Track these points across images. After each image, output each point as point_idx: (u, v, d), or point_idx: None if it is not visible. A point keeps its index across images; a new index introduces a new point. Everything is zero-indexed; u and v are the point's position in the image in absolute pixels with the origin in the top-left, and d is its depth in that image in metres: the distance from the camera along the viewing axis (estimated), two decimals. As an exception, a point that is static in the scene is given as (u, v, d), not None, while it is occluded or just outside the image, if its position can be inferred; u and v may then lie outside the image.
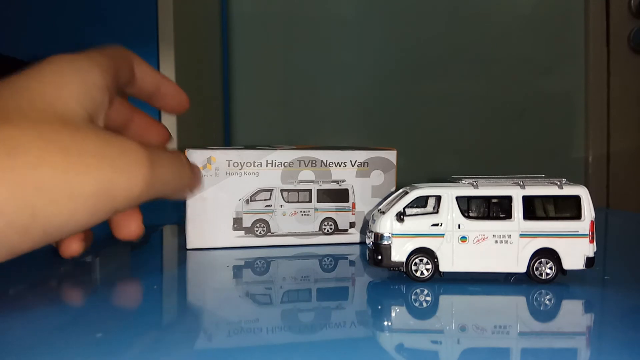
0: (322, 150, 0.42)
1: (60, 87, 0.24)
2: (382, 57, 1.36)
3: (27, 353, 0.20)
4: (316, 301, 0.29)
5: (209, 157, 0.40)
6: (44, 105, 0.23)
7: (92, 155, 0.22)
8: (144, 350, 0.21)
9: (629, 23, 1.32)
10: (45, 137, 0.21)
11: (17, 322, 0.24)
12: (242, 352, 0.21)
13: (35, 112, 0.22)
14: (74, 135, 0.22)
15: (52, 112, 0.23)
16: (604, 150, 1.35)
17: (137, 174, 0.24)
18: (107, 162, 0.23)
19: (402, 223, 0.30)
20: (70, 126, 0.23)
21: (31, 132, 0.21)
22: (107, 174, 0.23)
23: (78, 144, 0.22)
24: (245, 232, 0.41)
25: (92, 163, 0.22)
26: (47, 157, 0.21)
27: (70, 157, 0.22)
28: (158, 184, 0.26)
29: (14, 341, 0.21)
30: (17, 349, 0.21)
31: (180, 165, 0.29)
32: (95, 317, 0.25)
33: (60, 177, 0.21)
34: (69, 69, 0.25)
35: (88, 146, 0.22)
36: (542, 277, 0.30)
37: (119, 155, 0.23)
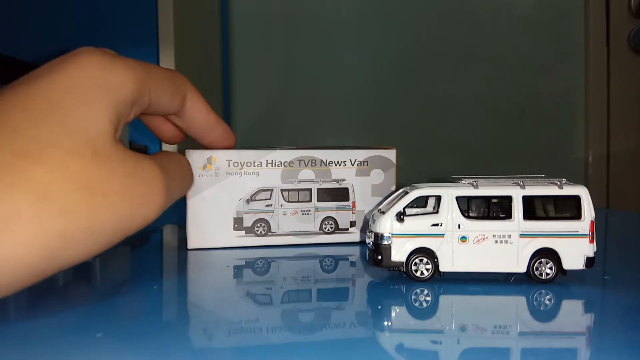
0: (322, 150, 0.42)
1: (91, 105, 0.23)
2: (382, 57, 1.36)
3: (27, 353, 0.20)
4: (316, 301, 0.29)
5: (209, 157, 0.40)
6: (76, 128, 0.22)
7: (116, 193, 0.22)
8: (144, 350, 0.21)
9: (629, 23, 1.32)
10: (73, 179, 0.21)
11: (17, 322, 0.24)
12: (242, 352, 0.21)
13: (67, 139, 0.21)
14: (102, 169, 0.22)
15: (84, 137, 0.22)
16: (604, 150, 1.35)
17: (154, 204, 0.24)
18: (129, 198, 0.23)
19: (402, 223, 0.30)
20: (99, 157, 0.22)
21: (60, 173, 0.21)
22: (127, 210, 0.23)
23: (104, 182, 0.22)
24: (246, 231, 0.41)
25: (115, 202, 0.22)
26: (73, 203, 0.21)
27: (96, 200, 0.22)
28: (169, 202, 0.26)
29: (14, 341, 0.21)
30: (17, 349, 0.21)
31: (188, 174, 0.30)
32: (95, 317, 0.25)
33: (83, 223, 0.21)
34: (101, 79, 0.24)
35: (114, 183, 0.22)
36: (542, 277, 0.30)
37: (140, 188, 0.24)
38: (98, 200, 0.22)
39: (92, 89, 0.23)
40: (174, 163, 0.28)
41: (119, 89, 0.24)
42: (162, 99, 0.28)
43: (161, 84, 0.28)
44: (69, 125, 0.22)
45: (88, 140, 0.22)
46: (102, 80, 0.24)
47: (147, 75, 0.26)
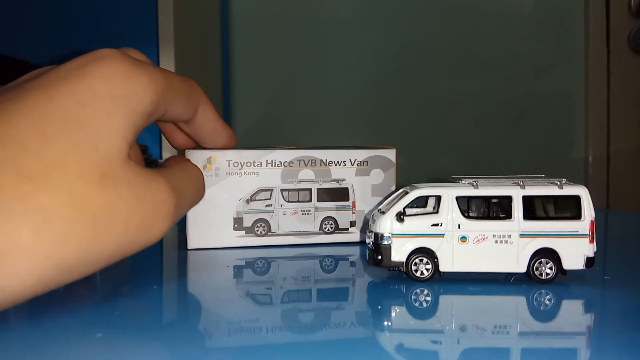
0: (322, 150, 0.42)
1: (107, 119, 0.22)
2: (382, 57, 1.36)
3: (27, 353, 0.20)
4: (316, 301, 0.29)
5: (209, 157, 0.40)
6: (87, 147, 0.21)
7: (121, 219, 0.22)
8: (144, 350, 0.21)
9: (629, 23, 1.32)
10: (79, 205, 0.20)
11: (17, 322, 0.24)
12: (242, 352, 0.21)
13: (77, 161, 0.21)
14: (109, 195, 0.21)
15: (94, 159, 0.21)
16: (604, 150, 1.35)
17: (159, 229, 0.24)
18: (134, 224, 0.22)
19: (402, 223, 0.30)
20: (108, 181, 0.21)
21: (65, 198, 0.20)
22: (131, 236, 0.22)
23: (110, 209, 0.21)
24: (246, 231, 0.41)
25: (119, 229, 0.21)
26: (75, 232, 0.20)
27: (99, 228, 0.21)
28: (177, 221, 0.26)
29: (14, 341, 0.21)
30: (17, 349, 0.21)
31: (199, 188, 0.29)
32: (95, 317, 0.25)
33: (84, 251, 0.21)
34: (121, 89, 0.23)
35: (120, 209, 0.21)
36: (542, 277, 0.30)
37: (148, 215, 0.23)
38: (102, 228, 0.21)
39: (110, 100, 0.22)
40: (187, 178, 0.28)
41: (138, 101, 0.23)
42: (178, 109, 0.27)
43: (179, 94, 0.27)
44: (81, 144, 0.21)
45: (98, 162, 0.21)
46: (122, 90, 0.23)
47: (167, 86, 0.25)
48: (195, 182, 0.29)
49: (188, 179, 0.28)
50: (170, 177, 0.25)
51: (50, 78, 0.22)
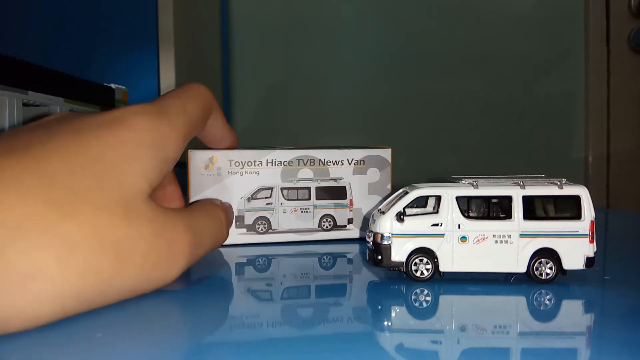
0: (320, 150, 0.42)
1: (133, 163, 0.23)
2: (382, 56, 1.36)
3: (26, 353, 0.20)
4: (315, 297, 0.29)
5: (210, 157, 0.40)
6: (111, 183, 0.22)
7: (140, 254, 0.22)
8: (145, 347, 0.21)
9: (629, 23, 1.32)
10: (101, 236, 0.21)
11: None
12: (243, 346, 0.21)
13: (101, 192, 0.22)
14: (130, 228, 0.22)
15: (116, 194, 0.22)
16: (604, 150, 1.35)
17: (176, 266, 0.24)
18: (152, 259, 0.23)
19: (402, 223, 0.30)
20: (129, 215, 0.22)
21: (89, 229, 0.21)
22: (147, 272, 0.23)
23: (131, 242, 0.22)
24: (247, 229, 0.41)
25: (138, 264, 0.22)
26: (97, 264, 0.21)
27: (119, 261, 0.21)
28: (194, 261, 0.26)
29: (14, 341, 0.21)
30: (17, 349, 0.21)
31: (220, 229, 0.29)
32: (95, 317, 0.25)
33: (103, 284, 0.21)
34: (147, 139, 0.24)
35: (140, 243, 0.22)
36: (542, 277, 0.30)
37: (165, 250, 0.23)
38: (122, 261, 0.22)
39: (135, 148, 0.24)
40: (207, 219, 0.28)
41: (163, 149, 0.25)
42: (195, 132, 0.29)
43: (198, 122, 0.28)
44: (105, 181, 0.22)
45: (121, 197, 0.22)
46: (148, 140, 0.24)
47: (188, 129, 0.27)
48: (216, 223, 0.29)
49: (208, 220, 0.28)
50: (189, 217, 0.26)
51: (83, 124, 0.24)
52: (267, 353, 0.21)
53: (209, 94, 0.30)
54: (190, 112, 0.28)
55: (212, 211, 0.30)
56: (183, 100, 0.28)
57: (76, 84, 0.58)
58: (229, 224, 0.32)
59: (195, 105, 0.28)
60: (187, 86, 0.30)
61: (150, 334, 0.23)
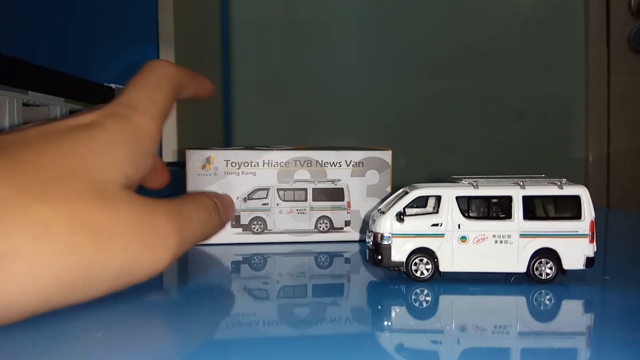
0: (318, 151, 0.42)
1: (105, 157, 0.23)
2: (382, 57, 1.36)
3: (27, 353, 0.20)
4: (312, 297, 0.29)
5: (208, 157, 0.40)
6: (83, 174, 0.22)
7: (122, 236, 0.22)
8: (144, 347, 0.21)
9: (629, 23, 1.32)
10: (78, 218, 0.20)
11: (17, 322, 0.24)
12: (239, 345, 0.21)
13: (73, 181, 0.21)
14: (107, 212, 0.22)
15: (89, 182, 0.22)
16: (604, 150, 1.35)
17: (165, 249, 0.23)
18: (137, 241, 0.22)
19: (402, 223, 0.30)
20: (104, 200, 0.22)
21: (64, 211, 0.20)
22: (134, 254, 0.22)
23: (110, 224, 0.21)
24: (243, 229, 0.41)
25: (120, 245, 0.21)
26: (75, 243, 0.20)
27: (100, 241, 0.21)
28: (185, 247, 0.25)
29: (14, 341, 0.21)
30: (17, 349, 0.21)
31: (208, 214, 0.28)
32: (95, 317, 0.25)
33: (85, 265, 0.20)
34: (119, 136, 0.24)
35: (120, 225, 0.22)
36: (542, 277, 0.30)
37: (149, 232, 0.23)
38: (103, 242, 0.21)
39: (107, 144, 0.23)
40: (193, 205, 0.27)
41: (137, 144, 0.25)
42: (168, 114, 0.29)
43: (168, 109, 0.28)
44: (77, 171, 0.22)
45: (93, 184, 0.22)
46: (120, 137, 0.24)
47: (160, 119, 0.27)
48: (203, 209, 0.28)
49: (193, 205, 0.27)
50: (173, 203, 0.25)
51: (55, 127, 0.24)
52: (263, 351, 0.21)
53: (174, 72, 0.29)
54: (159, 101, 0.27)
55: (198, 198, 0.29)
56: (150, 91, 0.27)
57: (76, 84, 0.58)
58: (223, 214, 0.30)
59: (163, 92, 0.28)
60: (150, 69, 0.28)
61: (148, 334, 0.23)
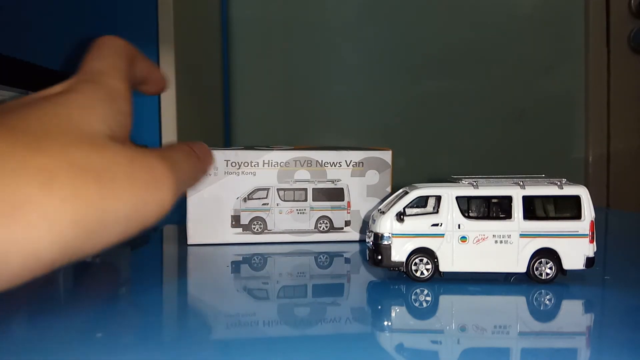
0: (318, 151, 0.42)
1: (89, 113, 0.24)
2: (382, 57, 1.36)
3: (27, 353, 0.20)
4: (312, 297, 0.29)
5: (208, 157, 0.40)
6: (71, 127, 0.22)
7: (122, 177, 0.22)
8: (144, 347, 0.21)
9: (629, 23, 1.32)
10: (78, 165, 0.21)
11: (18, 322, 0.24)
12: (239, 345, 0.21)
13: (64, 135, 0.22)
14: (103, 157, 0.22)
15: (79, 134, 0.22)
16: (604, 150, 1.35)
17: (165, 187, 0.24)
18: (137, 181, 0.23)
19: (402, 223, 0.30)
20: (98, 147, 0.22)
21: (63, 159, 0.20)
22: (139, 193, 0.22)
23: (109, 168, 0.22)
24: (243, 229, 0.41)
25: (123, 186, 0.22)
26: (81, 187, 0.20)
27: (104, 184, 0.21)
28: (182, 187, 0.26)
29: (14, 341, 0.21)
30: (18, 349, 0.21)
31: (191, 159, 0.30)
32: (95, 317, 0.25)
33: (96, 207, 0.21)
34: (95, 96, 0.25)
35: (118, 168, 0.22)
36: (542, 277, 0.30)
37: (147, 172, 0.23)
38: (106, 184, 0.21)
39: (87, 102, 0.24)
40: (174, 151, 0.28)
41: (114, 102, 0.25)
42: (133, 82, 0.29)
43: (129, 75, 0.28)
44: (63, 127, 0.22)
45: (83, 136, 0.22)
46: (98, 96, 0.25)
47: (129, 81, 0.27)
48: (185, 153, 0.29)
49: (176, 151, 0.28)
50: (159, 149, 0.26)
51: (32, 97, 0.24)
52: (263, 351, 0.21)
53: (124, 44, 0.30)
54: (121, 67, 0.28)
55: (178, 146, 0.30)
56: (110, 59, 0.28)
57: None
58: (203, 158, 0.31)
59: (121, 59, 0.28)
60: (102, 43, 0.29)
61: (148, 333, 0.23)
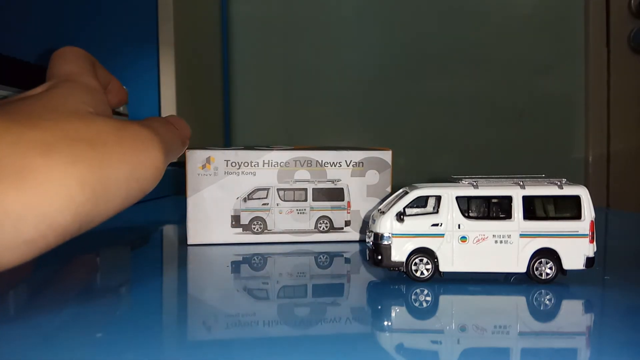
0: (318, 151, 0.42)
1: (71, 99, 0.25)
2: (382, 57, 1.36)
3: (27, 353, 0.20)
4: (312, 297, 0.29)
5: (208, 157, 0.40)
6: (59, 108, 0.23)
7: (113, 143, 0.23)
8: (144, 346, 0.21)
9: (629, 23, 1.32)
10: (71, 136, 0.21)
11: (18, 322, 0.24)
12: (239, 345, 0.21)
13: (53, 113, 0.23)
14: (92, 127, 0.23)
15: (67, 112, 0.23)
16: (604, 150, 1.35)
17: (155, 150, 0.25)
18: (128, 145, 0.24)
19: (402, 223, 0.30)
20: (86, 120, 0.23)
21: (57, 132, 0.21)
22: (133, 156, 0.23)
23: (99, 136, 0.23)
24: (243, 229, 0.41)
25: (116, 150, 0.23)
26: (79, 154, 0.21)
27: (98, 150, 0.22)
28: (168, 151, 0.27)
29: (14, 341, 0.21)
30: (18, 349, 0.21)
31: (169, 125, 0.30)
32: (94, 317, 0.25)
33: (97, 170, 0.21)
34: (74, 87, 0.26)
35: (107, 135, 0.23)
36: (542, 277, 0.30)
37: (134, 138, 0.24)
38: (101, 150, 0.22)
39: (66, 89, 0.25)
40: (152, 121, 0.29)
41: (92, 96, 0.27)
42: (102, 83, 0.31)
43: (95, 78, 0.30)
44: (48, 107, 0.23)
45: (70, 112, 0.23)
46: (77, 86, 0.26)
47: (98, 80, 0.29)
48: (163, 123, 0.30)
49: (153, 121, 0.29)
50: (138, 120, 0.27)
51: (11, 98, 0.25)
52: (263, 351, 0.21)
53: (84, 52, 0.31)
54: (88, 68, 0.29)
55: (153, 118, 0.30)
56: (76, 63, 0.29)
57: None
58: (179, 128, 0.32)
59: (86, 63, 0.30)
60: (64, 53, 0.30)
61: (149, 333, 0.23)
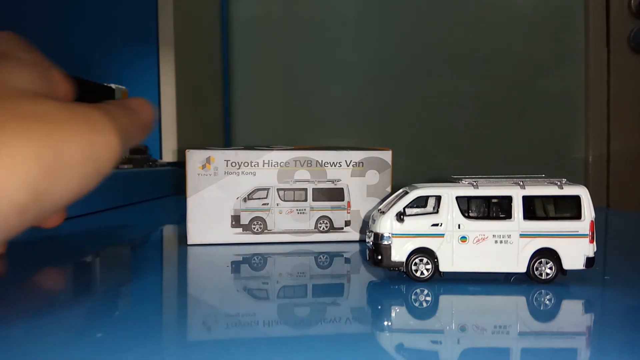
0: (318, 151, 0.42)
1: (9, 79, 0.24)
2: (382, 57, 1.36)
3: (27, 353, 0.20)
4: (312, 297, 0.29)
5: (208, 157, 0.40)
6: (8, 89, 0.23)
7: (65, 121, 0.22)
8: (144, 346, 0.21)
9: (629, 23, 1.32)
10: (20, 113, 0.21)
11: (17, 322, 0.24)
12: (239, 345, 0.21)
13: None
14: (39, 105, 0.22)
15: (11, 91, 0.23)
16: (604, 150, 1.35)
17: (108, 130, 0.24)
18: (79, 125, 0.23)
19: (402, 223, 0.30)
20: (34, 99, 0.23)
21: (4, 111, 0.21)
22: (85, 135, 0.23)
23: (50, 113, 0.22)
24: (243, 229, 0.41)
25: (67, 128, 0.22)
26: (31, 130, 0.21)
27: (50, 127, 0.22)
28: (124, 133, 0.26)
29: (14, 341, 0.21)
30: (18, 349, 0.21)
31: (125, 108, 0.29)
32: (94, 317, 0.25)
33: (50, 145, 0.21)
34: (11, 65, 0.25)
35: (58, 114, 0.23)
36: (542, 277, 0.30)
37: (86, 119, 0.24)
38: (52, 126, 0.22)
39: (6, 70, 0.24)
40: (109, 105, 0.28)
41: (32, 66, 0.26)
42: None
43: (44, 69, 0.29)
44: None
45: (15, 92, 0.23)
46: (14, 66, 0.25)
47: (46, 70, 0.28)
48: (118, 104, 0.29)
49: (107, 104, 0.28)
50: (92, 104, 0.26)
51: None
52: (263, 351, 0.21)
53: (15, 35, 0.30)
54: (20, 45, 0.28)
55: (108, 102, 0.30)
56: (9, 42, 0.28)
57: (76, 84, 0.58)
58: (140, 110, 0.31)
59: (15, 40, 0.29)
60: None
61: (148, 333, 0.23)
